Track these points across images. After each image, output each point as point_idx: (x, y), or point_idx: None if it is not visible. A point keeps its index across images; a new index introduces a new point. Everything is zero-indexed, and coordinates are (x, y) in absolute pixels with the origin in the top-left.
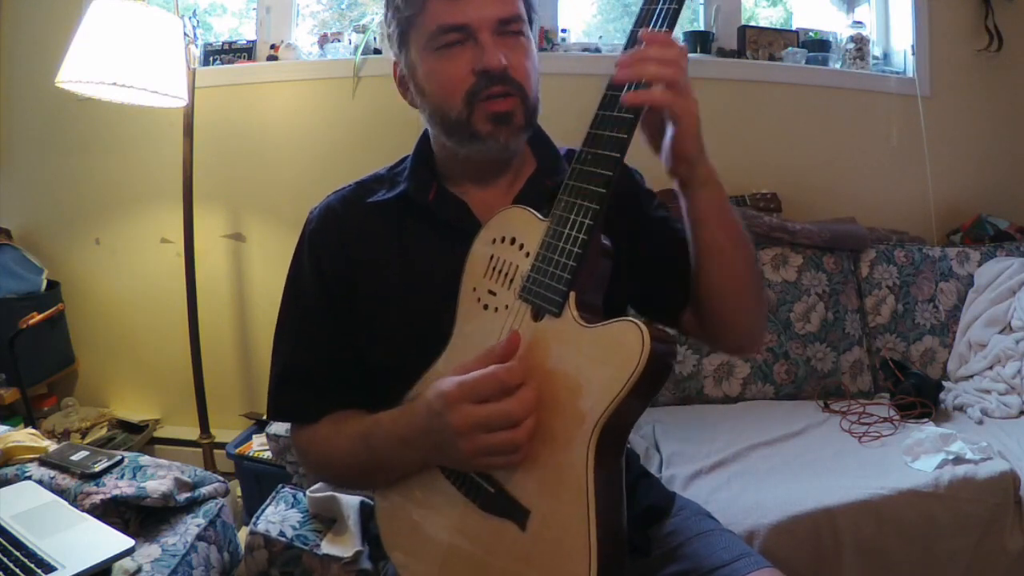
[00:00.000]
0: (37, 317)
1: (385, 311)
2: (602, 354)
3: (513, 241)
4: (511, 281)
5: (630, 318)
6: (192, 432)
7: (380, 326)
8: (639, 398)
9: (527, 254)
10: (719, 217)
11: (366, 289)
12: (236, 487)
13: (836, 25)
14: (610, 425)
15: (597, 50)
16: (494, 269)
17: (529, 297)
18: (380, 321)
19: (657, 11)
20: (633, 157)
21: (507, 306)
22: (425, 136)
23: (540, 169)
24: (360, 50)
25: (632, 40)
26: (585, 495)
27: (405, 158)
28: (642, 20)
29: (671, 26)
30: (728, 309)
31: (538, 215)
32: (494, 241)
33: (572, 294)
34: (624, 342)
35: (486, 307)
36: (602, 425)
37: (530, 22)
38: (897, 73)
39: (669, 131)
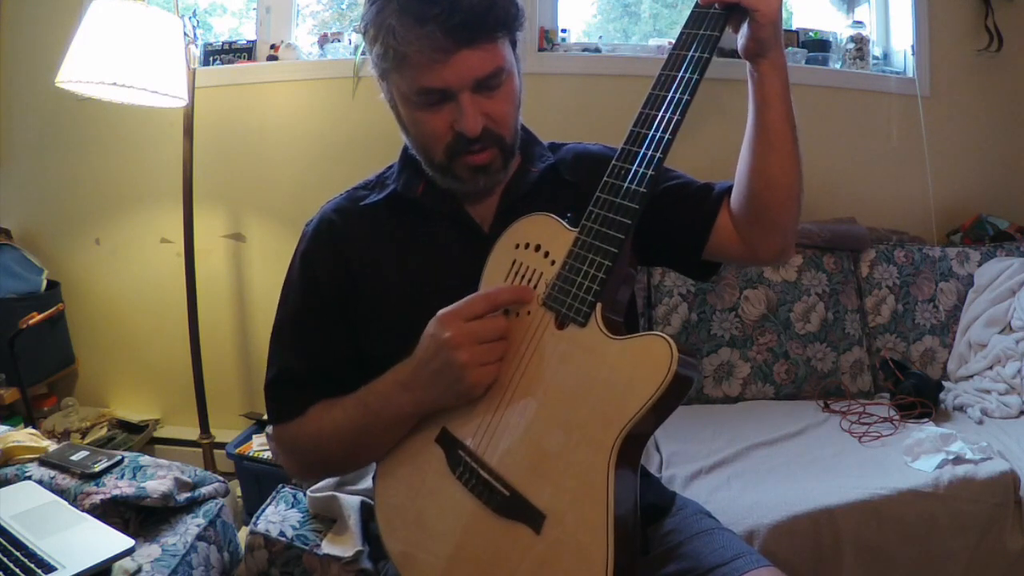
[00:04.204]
0: (37, 317)
1: (387, 308)
2: (629, 367)
3: (538, 248)
4: (534, 287)
5: (658, 333)
6: (192, 432)
7: (383, 324)
8: (662, 410)
9: (552, 262)
10: (783, 102)
11: (367, 290)
12: (236, 487)
13: (836, 25)
14: (632, 435)
15: (597, 50)
16: (516, 274)
17: (554, 305)
18: (383, 319)
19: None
20: None
21: (529, 312)
22: None
23: (524, 160)
24: (360, 50)
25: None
26: (606, 501)
27: (392, 165)
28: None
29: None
30: (778, 203)
31: (565, 224)
32: (517, 247)
33: (599, 305)
34: (652, 356)
35: (506, 311)
36: (625, 434)
37: (515, 43)
38: (897, 73)
39: (748, 19)
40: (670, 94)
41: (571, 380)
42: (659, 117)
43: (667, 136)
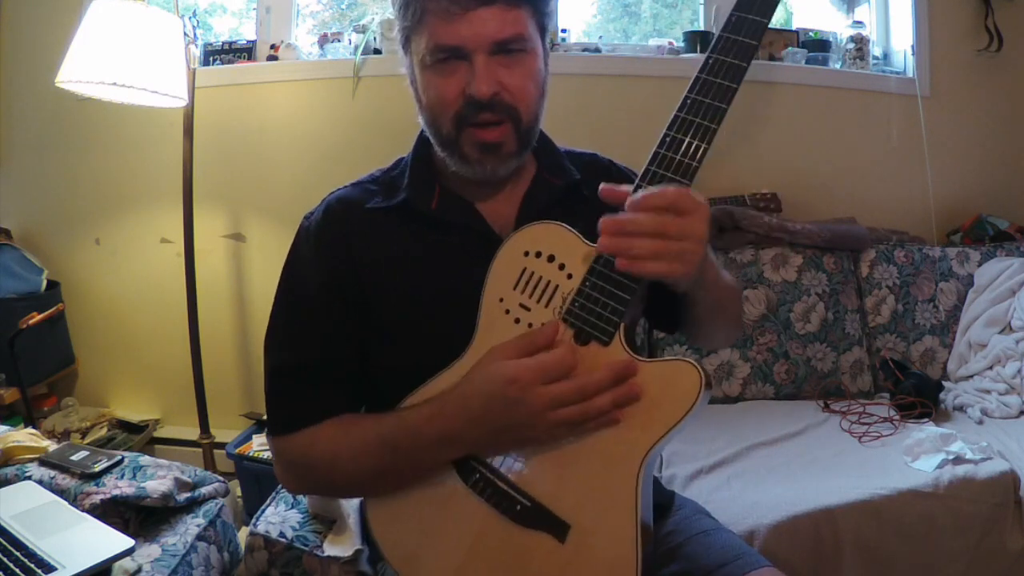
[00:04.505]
0: (37, 317)
1: (396, 315)
2: (657, 389)
3: (552, 259)
4: (549, 300)
5: (687, 359)
6: (192, 432)
7: (391, 330)
8: (681, 428)
9: (569, 275)
10: (713, 301)
11: (374, 292)
12: (236, 487)
13: (836, 25)
14: (654, 450)
15: (597, 50)
16: (527, 283)
17: (575, 321)
18: (391, 325)
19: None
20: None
21: (543, 324)
22: (424, 135)
23: (542, 168)
24: (360, 50)
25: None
26: (633, 513)
27: (401, 159)
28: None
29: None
30: (712, 335)
31: (583, 238)
32: (527, 254)
33: (622, 325)
34: (681, 381)
35: (517, 321)
36: (650, 453)
37: (544, 30)
38: (897, 73)
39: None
40: (698, 119)
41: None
42: (686, 142)
43: (693, 164)
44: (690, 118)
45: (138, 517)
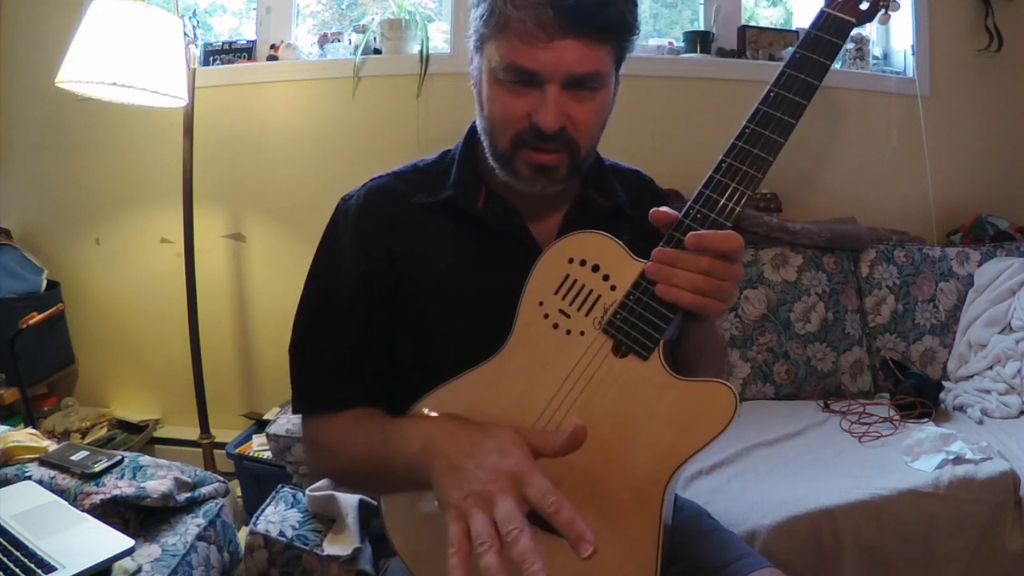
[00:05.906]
0: (37, 317)
1: (429, 313)
2: (693, 408)
3: (596, 268)
4: (590, 309)
5: (722, 381)
6: (192, 432)
7: (421, 325)
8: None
9: (613, 287)
10: (708, 346)
11: (407, 285)
12: (236, 487)
13: None
14: (682, 468)
15: None
16: (569, 290)
17: (616, 333)
18: (421, 320)
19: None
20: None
21: (583, 332)
22: (474, 131)
23: (589, 185)
24: (360, 50)
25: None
26: (657, 525)
27: (447, 152)
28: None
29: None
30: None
31: (630, 252)
32: (571, 261)
33: (661, 341)
34: (717, 403)
35: (556, 326)
36: (679, 469)
37: (620, 63)
38: (897, 73)
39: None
40: (756, 151)
41: (630, 411)
42: (742, 170)
43: (748, 191)
44: (747, 148)
45: (138, 517)
